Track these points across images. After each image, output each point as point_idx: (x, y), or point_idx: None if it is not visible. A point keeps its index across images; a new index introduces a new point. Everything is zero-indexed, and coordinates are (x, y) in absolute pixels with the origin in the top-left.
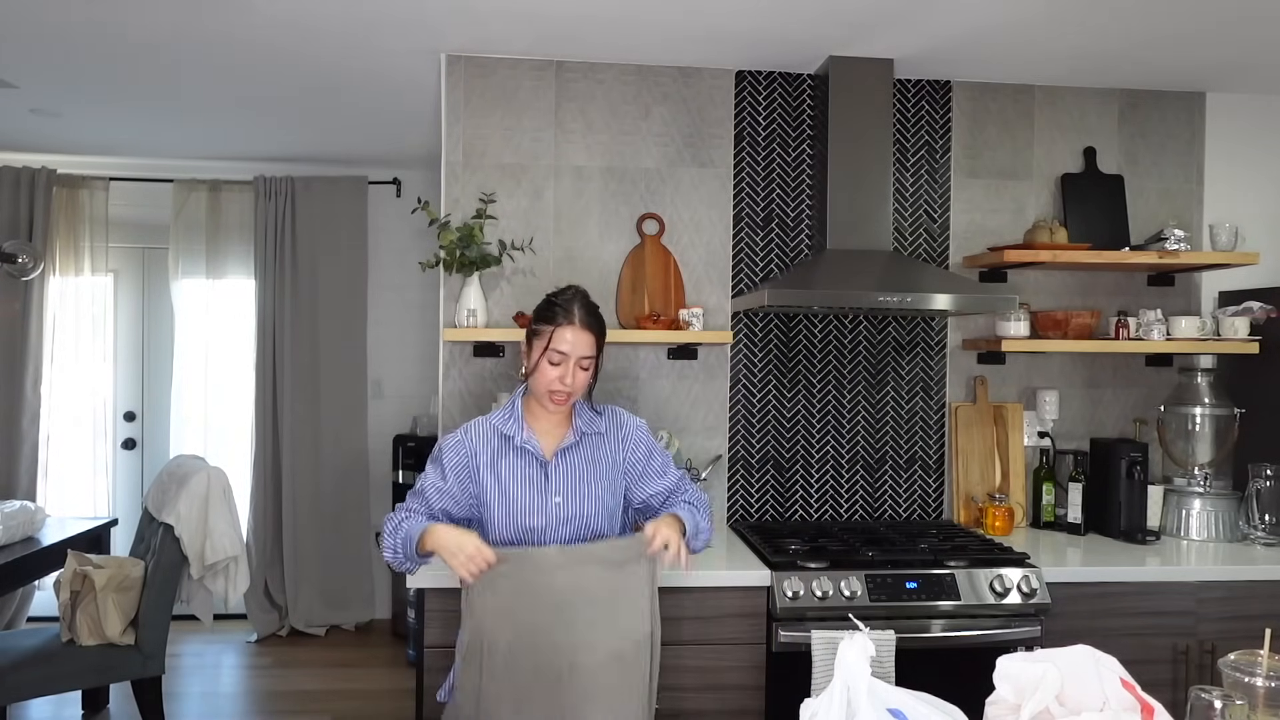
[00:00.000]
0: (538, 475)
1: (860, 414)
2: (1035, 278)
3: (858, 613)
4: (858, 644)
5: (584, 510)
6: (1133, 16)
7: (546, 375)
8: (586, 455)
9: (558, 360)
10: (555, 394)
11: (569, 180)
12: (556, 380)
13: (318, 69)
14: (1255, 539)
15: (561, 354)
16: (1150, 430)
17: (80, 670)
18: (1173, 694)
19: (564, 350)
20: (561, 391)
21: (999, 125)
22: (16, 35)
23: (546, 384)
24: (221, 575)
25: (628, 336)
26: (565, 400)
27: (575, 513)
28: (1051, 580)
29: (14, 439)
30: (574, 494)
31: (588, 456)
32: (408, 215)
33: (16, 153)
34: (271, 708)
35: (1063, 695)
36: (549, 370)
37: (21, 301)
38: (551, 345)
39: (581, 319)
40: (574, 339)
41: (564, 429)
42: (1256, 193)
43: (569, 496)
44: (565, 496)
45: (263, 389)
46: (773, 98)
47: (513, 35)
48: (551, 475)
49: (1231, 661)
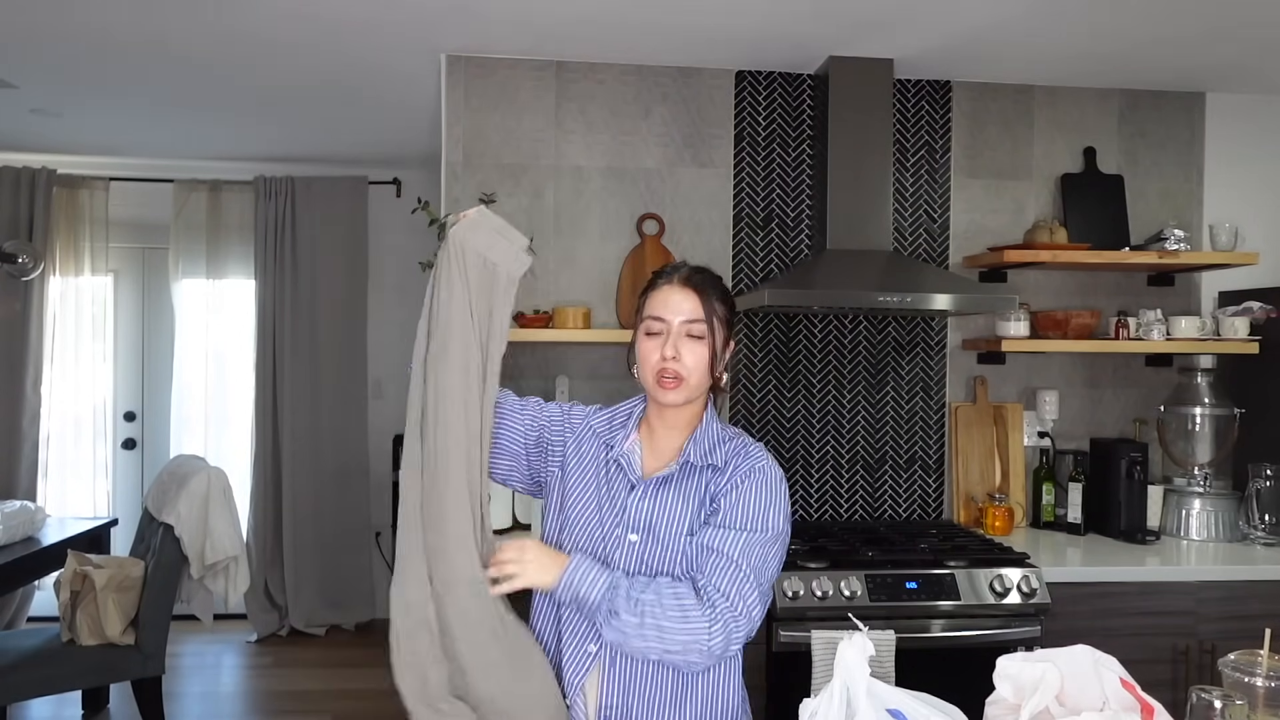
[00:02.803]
0: (619, 498)
1: (860, 414)
2: (1035, 278)
3: (858, 613)
4: (857, 644)
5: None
6: (1133, 17)
7: (647, 354)
8: (685, 492)
9: (657, 329)
10: (664, 375)
11: (569, 180)
12: (658, 357)
13: (318, 69)
14: (1255, 539)
15: (659, 320)
16: (1150, 430)
17: (80, 670)
18: (1173, 694)
19: (661, 315)
20: (669, 369)
21: (999, 125)
22: (16, 35)
23: (650, 367)
24: (221, 575)
25: (628, 336)
26: (677, 384)
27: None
28: (1051, 580)
29: (14, 439)
30: (653, 536)
31: (686, 494)
32: (408, 215)
33: (16, 153)
34: (271, 708)
35: (1063, 695)
36: (647, 346)
37: (21, 301)
38: (646, 311)
39: (685, 276)
40: (674, 299)
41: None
42: (1256, 193)
43: (648, 536)
44: (644, 535)
45: (263, 389)
46: (773, 98)
47: (513, 35)
48: (631, 504)
49: (1231, 661)
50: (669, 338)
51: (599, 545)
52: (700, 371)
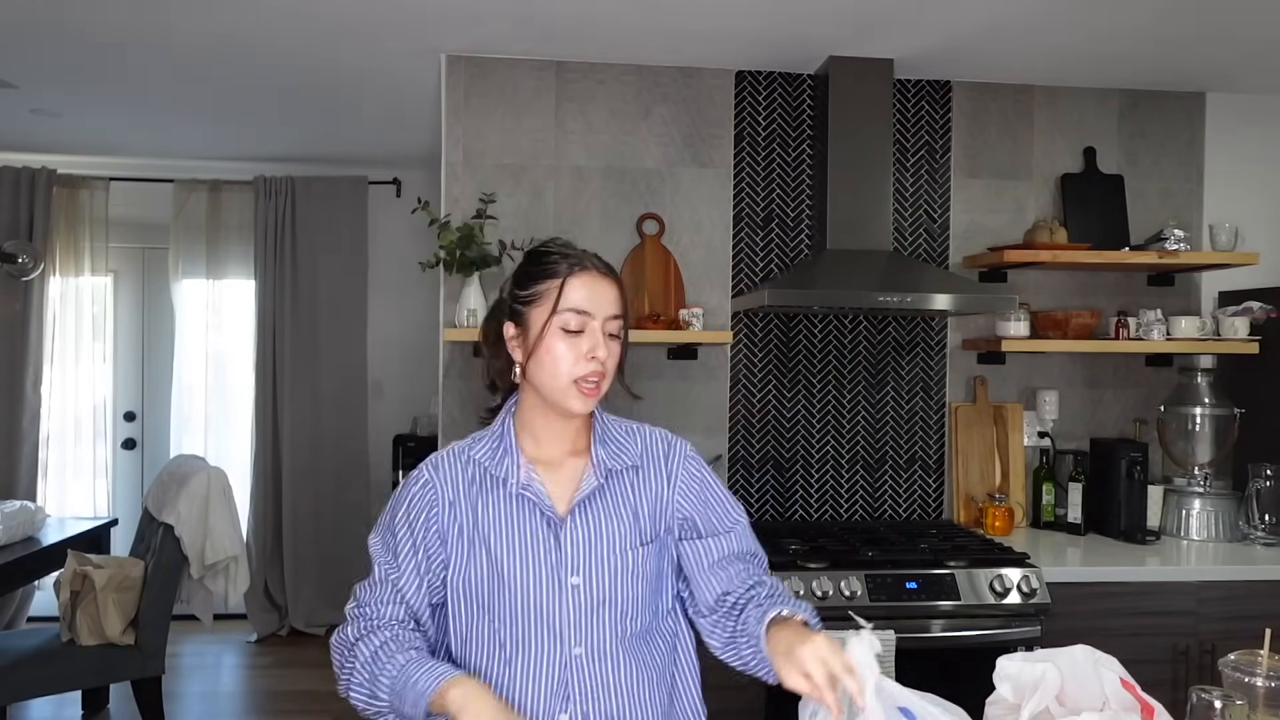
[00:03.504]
0: (545, 540)
1: (860, 414)
2: (1035, 278)
3: (857, 613)
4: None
5: (615, 594)
6: (1133, 17)
7: (559, 356)
8: (616, 505)
9: (577, 325)
10: (585, 381)
11: (569, 180)
12: (582, 357)
13: (318, 69)
14: (1255, 539)
15: (582, 315)
16: (1150, 430)
17: (80, 670)
18: (1173, 694)
19: (584, 309)
20: (593, 374)
21: (999, 125)
22: (16, 35)
23: (567, 369)
24: (221, 575)
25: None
26: (598, 389)
27: (603, 598)
28: (1051, 580)
29: (14, 439)
30: (598, 570)
31: (618, 507)
32: (408, 215)
33: (16, 153)
34: (271, 708)
35: (1063, 695)
36: (561, 346)
37: (21, 301)
38: (562, 304)
39: (598, 264)
40: (598, 289)
41: (580, 461)
42: (1256, 193)
43: (591, 575)
44: (586, 575)
45: (263, 389)
46: (773, 98)
47: (513, 35)
48: (565, 542)
49: (1231, 661)
50: (593, 336)
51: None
52: (613, 368)
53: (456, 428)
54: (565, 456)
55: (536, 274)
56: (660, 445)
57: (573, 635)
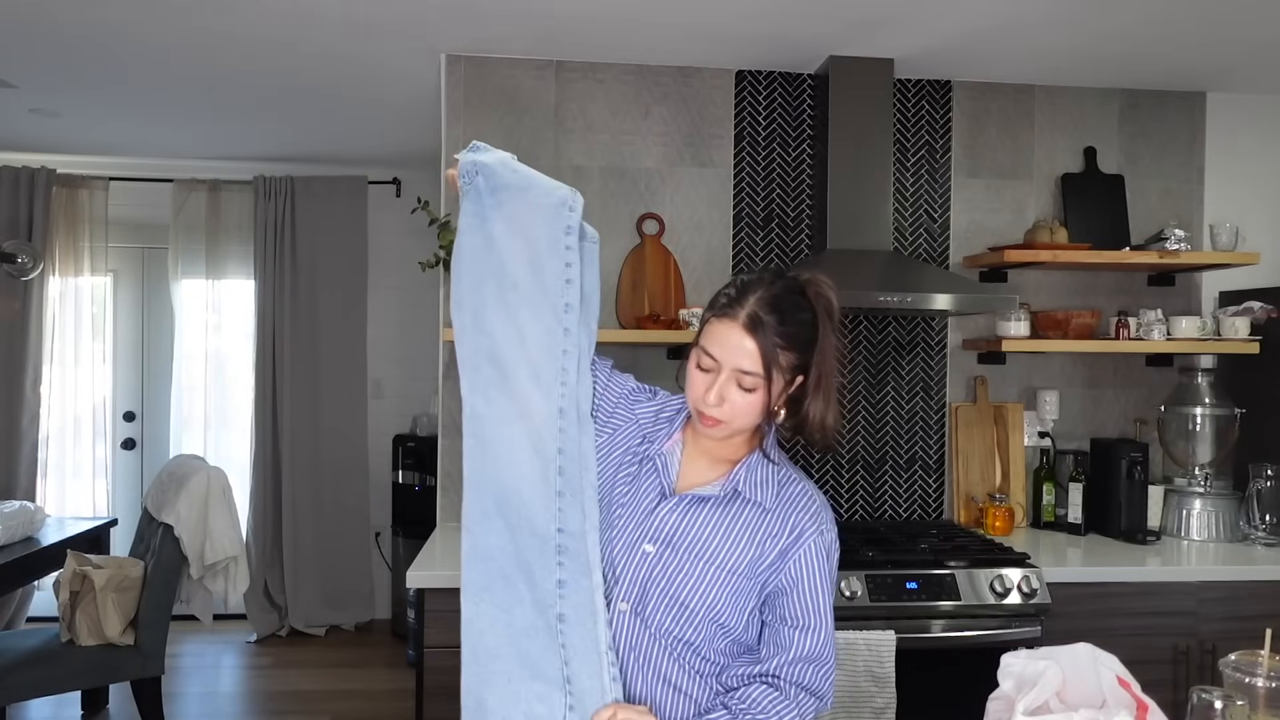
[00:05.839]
0: (644, 501)
1: (860, 414)
2: (1035, 278)
3: (858, 613)
4: None
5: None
6: (1133, 17)
7: (693, 382)
8: (723, 520)
9: (708, 366)
10: (704, 416)
11: (569, 179)
12: (702, 394)
13: (318, 69)
14: (1255, 539)
15: (711, 359)
16: (1150, 430)
17: (80, 670)
18: (1173, 694)
19: (714, 354)
20: (709, 416)
21: (999, 125)
22: (16, 35)
23: (694, 399)
24: (221, 575)
25: (628, 336)
26: (716, 427)
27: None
28: (1052, 580)
29: (14, 439)
30: (674, 558)
31: (724, 522)
32: (408, 215)
33: (16, 153)
34: (271, 708)
35: (1063, 693)
36: (696, 377)
37: (21, 301)
38: (703, 340)
39: (750, 316)
40: (732, 339)
41: (721, 470)
42: (1257, 193)
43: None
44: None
45: (263, 389)
46: (773, 98)
47: (513, 35)
48: (658, 514)
49: (1232, 662)
50: (717, 381)
51: (616, 538)
52: (748, 417)
53: (456, 427)
54: (714, 461)
55: (711, 301)
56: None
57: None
